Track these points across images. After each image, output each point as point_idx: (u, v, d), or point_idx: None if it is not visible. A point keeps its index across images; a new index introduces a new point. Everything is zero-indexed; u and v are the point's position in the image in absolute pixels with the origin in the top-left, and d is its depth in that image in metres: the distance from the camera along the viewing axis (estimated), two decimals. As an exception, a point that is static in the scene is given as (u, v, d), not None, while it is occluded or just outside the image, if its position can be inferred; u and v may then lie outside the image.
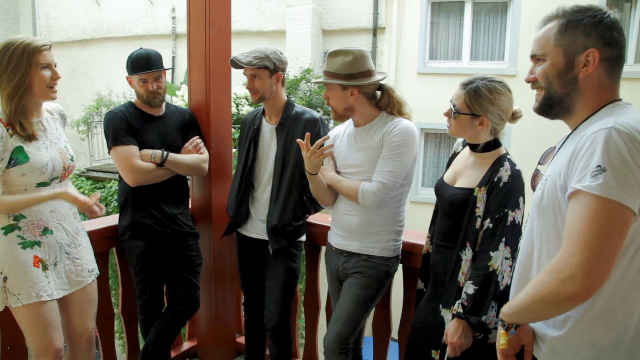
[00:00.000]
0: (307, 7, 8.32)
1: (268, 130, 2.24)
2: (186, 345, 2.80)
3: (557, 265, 1.06)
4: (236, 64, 2.15)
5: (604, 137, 1.04)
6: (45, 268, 1.78)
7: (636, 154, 1.02)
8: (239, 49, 2.28)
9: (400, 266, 2.17)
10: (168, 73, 6.29)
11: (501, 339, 1.25)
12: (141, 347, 2.39)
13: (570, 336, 1.16)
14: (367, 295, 1.99)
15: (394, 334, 2.31)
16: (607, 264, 1.02)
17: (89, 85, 10.00)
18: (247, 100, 6.61)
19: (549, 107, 1.24)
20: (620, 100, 1.19)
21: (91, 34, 10.40)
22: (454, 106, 1.69)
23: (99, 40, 10.24)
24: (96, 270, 1.98)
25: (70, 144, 1.96)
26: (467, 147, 1.78)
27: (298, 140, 1.98)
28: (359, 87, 1.93)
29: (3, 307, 1.74)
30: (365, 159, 1.97)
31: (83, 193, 7.04)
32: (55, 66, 1.79)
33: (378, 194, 1.88)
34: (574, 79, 1.18)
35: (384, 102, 2.00)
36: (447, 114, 1.72)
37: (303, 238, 2.32)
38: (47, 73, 1.75)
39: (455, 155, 1.89)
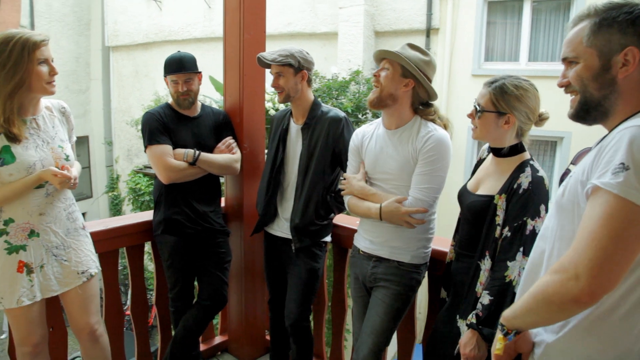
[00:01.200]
0: (359, 8, 8.29)
1: (295, 131, 2.26)
2: (218, 339, 2.90)
3: (563, 263, 1.00)
4: (262, 62, 2.17)
5: (631, 135, 0.97)
6: (30, 272, 1.78)
7: None
8: None
9: (426, 273, 2.13)
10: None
11: (497, 344, 1.20)
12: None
13: (566, 343, 1.10)
14: (400, 305, 1.96)
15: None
16: (617, 268, 0.95)
17: (151, 86, 10.51)
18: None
19: (585, 112, 1.16)
20: None
21: (153, 37, 10.92)
22: (478, 105, 1.63)
23: (160, 44, 10.73)
24: (90, 271, 1.94)
25: (65, 144, 1.90)
26: (492, 154, 1.72)
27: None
28: (417, 83, 1.86)
29: None
30: (396, 168, 1.90)
31: (140, 189, 7.45)
32: (52, 61, 1.74)
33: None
34: (611, 80, 1.10)
35: (426, 112, 1.92)
36: (471, 115, 1.66)
37: (328, 239, 2.32)
38: (44, 69, 1.71)
39: (480, 162, 1.83)
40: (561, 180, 1.39)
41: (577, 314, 1.06)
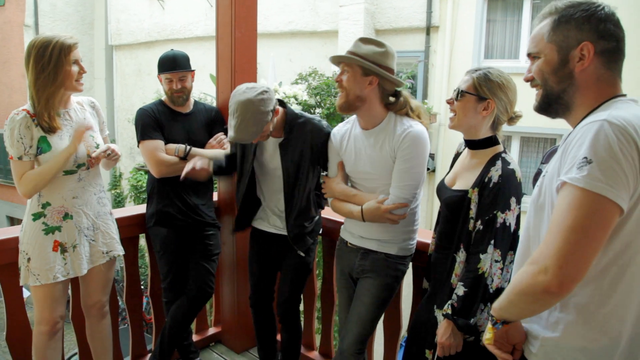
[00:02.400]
0: (359, 6, 8.32)
1: (271, 144, 2.17)
2: (211, 330, 2.96)
3: (534, 256, 1.05)
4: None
5: (594, 129, 1.01)
6: (64, 250, 1.98)
7: (626, 148, 0.99)
8: (295, 48, 2.33)
9: (410, 264, 2.19)
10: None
11: (487, 334, 1.25)
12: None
13: (562, 338, 1.14)
14: (386, 295, 2.00)
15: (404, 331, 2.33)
16: (582, 257, 0.98)
17: (153, 84, 10.58)
18: (296, 99, 6.76)
19: (547, 105, 1.22)
20: (623, 95, 1.15)
21: (155, 36, 11.01)
22: (459, 89, 1.66)
23: (163, 42, 10.81)
24: (113, 252, 2.15)
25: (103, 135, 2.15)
26: (467, 147, 1.77)
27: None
28: (381, 79, 1.84)
29: (25, 283, 1.98)
30: (376, 168, 1.92)
31: (142, 186, 7.52)
32: (81, 61, 1.96)
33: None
34: (569, 74, 1.16)
35: (397, 107, 1.92)
36: (450, 101, 1.69)
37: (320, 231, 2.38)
38: (76, 68, 1.92)
39: (457, 156, 1.88)
40: (535, 179, 1.43)
41: (553, 305, 1.10)
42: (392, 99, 1.93)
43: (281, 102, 2.15)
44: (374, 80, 1.84)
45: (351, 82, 1.84)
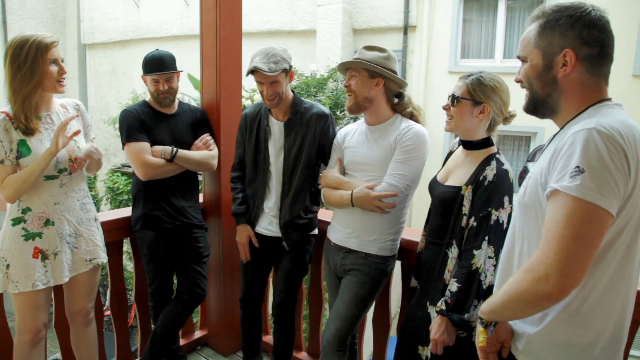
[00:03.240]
0: (337, 6, 8.34)
1: (277, 127, 2.25)
2: (197, 334, 2.93)
3: (533, 264, 1.08)
4: (260, 74, 2.10)
5: (584, 138, 1.04)
6: (44, 258, 1.92)
7: (616, 156, 1.02)
8: None
9: (398, 263, 2.21)
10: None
11: (480, 337, 1.28)
12: (153, 332, 2.52)
13: (547, 334, 1.17)
14: (365, 293, 2.02)
15: (393, 330, 2.35)
16: (581, 265, 1.02)
17: (128, 84, 10.40)
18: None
19: (533, 107, 1.26)
20: (609, 99, 1.18)
21: (130, 35, 10.79)
22: (455, 95, 1.70)
23: (138, 41, 10.60)
24: (97, 260, 2.09)
25: (96, 137, 2.11)
26: (462, 146, 1.80)
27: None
28: (386, 80, 1.96)
29: (4, 290, 1.91)
30: (375, 157, 1.99)
31: (118, 188, 7.39)
32: (62, 61, 1.89)
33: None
34: (553, 79, 1.18)
35: (402, 106, 2.03)
36: (447, 107, 1.74)
37: (315, 231, 2.37)
38: (54, 68, 1.85)
39: (450, 154, 1.91)
40: (520, 177, 1.47)
41: (550, 307, 1.14)
42: (397, 100, 2.04)
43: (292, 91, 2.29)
44: (380, 82, 1.96)
45: (359, 85, 1.97)
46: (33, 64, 1.80)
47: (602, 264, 1.11)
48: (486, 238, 1.58)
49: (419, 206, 8.15)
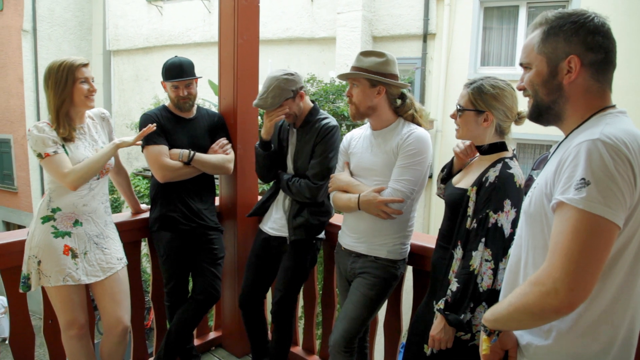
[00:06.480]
0: (357, 14, 8.40)
1: (294, 134, 2.37)
2: (212, 335, 2.97)
3: (540, 277, 1.06)
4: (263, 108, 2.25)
5: (588, 149, 1.03)
6: (75, 256, 2.02)
7: (622, 167, 1.01)
8: (293, 55, 2.37)
9: (410, 268, 2.22)
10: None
11: (483, 345, 1.27)
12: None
13: (555, 346, 1.16)
14: (373, 295, 2.04)
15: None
16: (590, 278, 1.01)
17: (151, 90, 10.61)
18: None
19: (538, 114, 1.25)
20: (613, 106, 1.16)
21: (154, 41, 11.03)
22: (459, 105, 1.73)
23: (161, 48, 10.84)
24: (125, 259, 2.19)
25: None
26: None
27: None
28: (387, 86, 1.98)
29: (39, 286, 1.99)
30: (379, 163, 2.01)
31: (139, 191, 7.52)
32: (92, 80, 2.07)
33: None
34: (558, 86, 1.17)
35: (405, 109, 2.05)
36: (454, 116, 1.76)
37: (322, 235, 2.41)
38: (84, 86, 2.03)
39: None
40: (526, 186, 1.46)
41: (556, 320, 1.13)
42: (398, 101, 2.06)
43: (313, 102, 2.37)
44: (382, 90, 1.99)
45: (361, 96, 2.00)
46: (65, 83, 2.00)
47: (611, 275, 1.10)
48: (482, 240, 1.58)
49: (438, 212, 8.09)
